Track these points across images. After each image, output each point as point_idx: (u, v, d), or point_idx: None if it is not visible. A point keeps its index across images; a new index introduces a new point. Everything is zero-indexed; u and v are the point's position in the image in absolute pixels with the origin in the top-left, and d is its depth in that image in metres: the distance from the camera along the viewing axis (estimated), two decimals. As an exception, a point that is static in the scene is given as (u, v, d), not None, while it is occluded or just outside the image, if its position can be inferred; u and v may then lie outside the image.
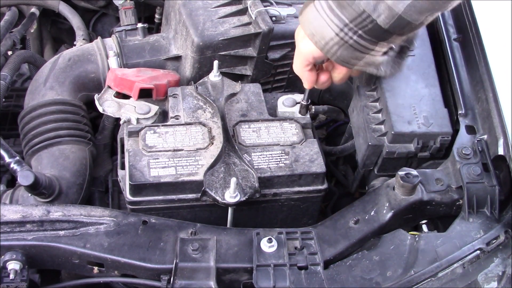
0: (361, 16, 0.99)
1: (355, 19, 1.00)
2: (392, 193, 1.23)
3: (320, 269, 1.13)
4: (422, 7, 0.97)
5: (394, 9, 0.97)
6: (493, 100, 1.31)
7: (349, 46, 1.04)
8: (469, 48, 1.45)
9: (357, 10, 0.99)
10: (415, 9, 0.97)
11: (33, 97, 1.48)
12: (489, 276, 1.09)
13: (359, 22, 1.00)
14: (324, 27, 1.03)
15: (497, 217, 1.20)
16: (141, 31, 1.62)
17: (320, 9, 1.03)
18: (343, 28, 1.01)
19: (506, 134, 1.25)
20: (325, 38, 1.04)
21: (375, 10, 0.97)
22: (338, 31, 1.02)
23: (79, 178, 1.39)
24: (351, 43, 1.03)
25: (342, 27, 1.01)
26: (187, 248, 1.12)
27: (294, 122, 1.37)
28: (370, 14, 0.98)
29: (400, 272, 1.12)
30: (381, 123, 1.35)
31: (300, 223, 1.36)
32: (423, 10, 0.97)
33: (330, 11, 1.01)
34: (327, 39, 1.04)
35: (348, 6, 0.99)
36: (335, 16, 1.01)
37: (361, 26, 1.00)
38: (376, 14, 0.98)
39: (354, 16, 1.00)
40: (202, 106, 1.40)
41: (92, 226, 1.16)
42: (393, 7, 0.96)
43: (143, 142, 1.29)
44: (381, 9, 0.97)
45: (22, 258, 1.10)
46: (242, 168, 1.25)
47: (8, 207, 1.18)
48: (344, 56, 1.07)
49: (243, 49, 1.53)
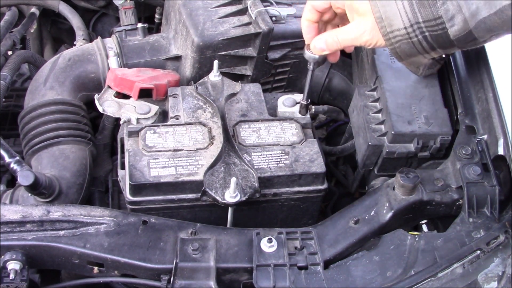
0: (436, 20, 0.99)
1: (429, 21, 0.99)
2: (392, 193, 1.23)
3: (320, 269, 1.13)
4: (492, 25, 0.97)
5: (469, 23, 0.97)
6: (493, 100, 1.31)
7: (411, 43, 1.03)
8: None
9: (435, 13, 0.98)
10: (485, 26, 0.97)
11: (33, 97, 1.48)
12: (489, 276, 1.09)
13: (432, 25, 1.00)
14: (395, 16, 1.02)
15: (497, 217, 1.20)
16: (141, 31, 1.62)
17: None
18: (413, 24, 1.01)
19: (506, 134, 1.25)
20: (392, 26, 1.03)
21: (452, 19, 0.98)
22: (408, 26, 1.01)
23: (79, 178, 1.39)
24: (414, 41, 1.03)
25: (413, 23, 1.01)
26: (187, 248, 1.12)
27: (294, 122, 1.37)
28: (445, 21, 0.98)
29: (400, 272, 1.12)
30: (381, 123, 1.35)
31: (300, 223, 1.36)
32: (492, 28, 0.97)
33: (408, 3, 1.00)
34: (393, 28, 1.03)
35: (428, 7, 0.99)
36: (411, 11, 1.00)
37: (431, 29, 1.00)
38: (450, 24, 0.98)
39: (429, 18, 0.99)
40: (202, 106, 1.40)
41: (92, 226, 1.16)
42: (469, 21, 0.97)
43: (143, 142, 1.29)
44: (457, 20, 0.98)
45: (22, 258, 1.10)
46: (242, 168, 1.25)
47: (8, 207, 1.18)
48: (401, 50, 1.05)
49: (243, 49, 1.53)
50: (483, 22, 0.97)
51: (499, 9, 0.95)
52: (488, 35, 1.00)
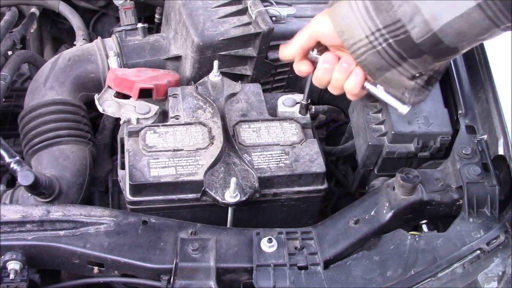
0: (396, 24, 0.96)
1: (389, 26, 0.96)
2: (392, 193, 1.23)
3: (320, 269, 1.13)
4: (460, 29, 0.93)
5: (430, 24, 0.93)
6: (493, 100, 1.32)
7: (377, 53, 0.99)
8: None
9: (393, 17, 0.95)
10: (452, 30, 0.93)
11: (33, 97, 1.48)
12: (489, 276, 1.09)
13: (392, 30, 0.96)
14: (355, 26, 0.99)
15: (497, 217, 1.20)
16: (141, 31, 1.62)
17: (355, 7, 0.99)
18: (374, 32, 0.98)
19: (506, 134, 1.25)
20: (354, 38, 1.00)
21: (411, 21, 0.94)
22: (369, 34, 0.98)
23: (79, 178, 1.39)
24: (379, 49, 0.99)
25: (374, 31, 0.98)
26: (187, 248, 1.12)
27: (294, 122, 1.37)
28: (405, 24, 0.95)
29: (400, 272, 1.12)
30: (381, 123, 1.35)
31: (300, 223, 1.36)
32: (460, 32, 0.93)
33: (365, 12, 0.98)
34: (356, 39, 1.00)
35: (385, 11, 0.96)
36: (369, 18, 0.97)
37: (393, 35, 0.97)
38: (411, 26, 0.95)
39: (388, 23, 0.96)
40: (202, 106, 1.40)
41: (92, 226, 1.16)
42: (430, 23, 0.93)
43: (143, 142, 1.29)
44: (417, 21, 0.94)
45: (22, 258, 1.10)
46: (242, 168, 1.25)
47: (8, 207, 1.18)
48: (370, 62, 1.02)
49: (243, 49, 1.53)
50: (450, 26, 0.92)
51: (465, 12, 0.90)
52: (460, 41, 0.95)
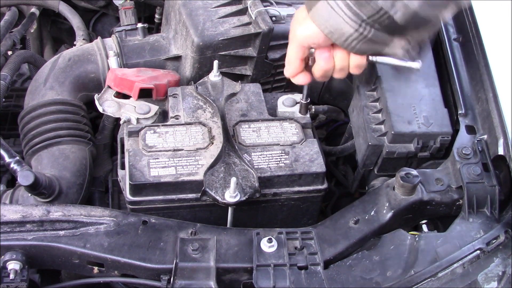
0: (379, 13, 1.03)
1: (373, 16, 1.03)
2: (392, 193, 1.23)
3: (320, 269, 1.13)
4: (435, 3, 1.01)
5: (409, 6, 1.01)
6: (493, 100, 1.32)
7: (368, 40, 1.08)
8: (469, 48, 1.45)
9: (375, 7, 1.02)
10: (429, 5, 1.01)
11: (33, 97, 1.48)
12: (489, 276, 1.09)
13: (377, 18, 1.03)
14: (342, 24, 1.06)
15: (497, 217, 1.21)
16: (141, 31, 1.62)
17: (336, 6, 1.05)
18: (361, 23, 1.05)
19: (506, 134, 1.25)
20: (345, 35, 1.08)
21: (393, 7, 1.01)
22: (357, 27, 1.06)
23: (79, 178, 1.39)
24: (370, 37, 1.07)
25: (360, 23, 1.05)
26: (187, 248, 1.12)
27: (294, 122, 1.37)
28: (387, 11, 1.02)
29: (400, 272, 1.12)
30: (381, 123, 1.35)
31: (300, 223, 1.36)
32: (436, 5, 1.02)
33: (347, 9, 1.04)
34: (346, 36, 1.08)
35: (367, 4, 1.02)
36: (353, 14, 1.04)
37: (378, 22, 1.04)
38: (393, 11, 1.02)
39: (372, 13, 1.03)
40: (202, 106, 1.40)
41: (92, 226, 1.16)
42: (409, 5, 1.01)
43: (143, 142, 1.29)
44: (398, 6, 1.01)
45: (22, 258, 1.10)
46: (242, 168, 1.25)
47: (8, 207, 1.18)
48: (364, 49, 1.11)
49: (243, 49, 1.53)
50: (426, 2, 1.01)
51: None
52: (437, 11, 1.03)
